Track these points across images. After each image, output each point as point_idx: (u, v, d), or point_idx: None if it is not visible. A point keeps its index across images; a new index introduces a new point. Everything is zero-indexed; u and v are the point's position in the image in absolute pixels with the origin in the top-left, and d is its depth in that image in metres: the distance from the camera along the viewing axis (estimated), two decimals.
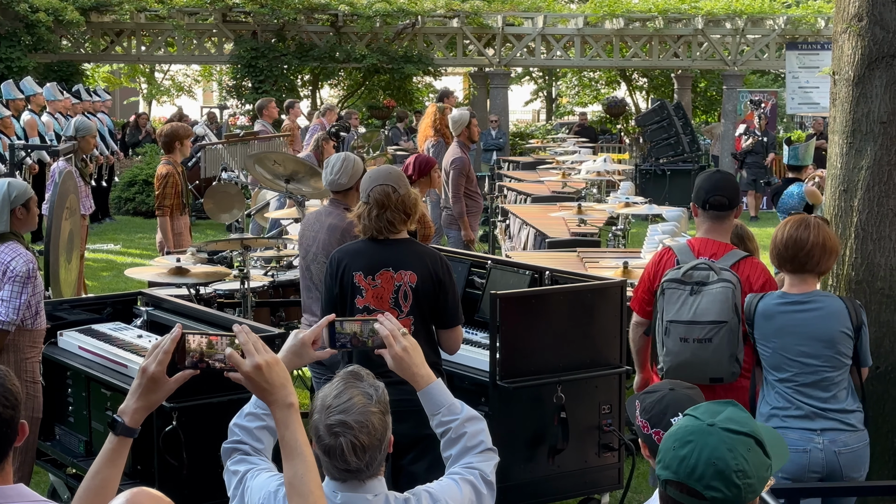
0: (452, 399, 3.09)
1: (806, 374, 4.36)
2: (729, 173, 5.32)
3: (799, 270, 4.41)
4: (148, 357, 2.64)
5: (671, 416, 3.18)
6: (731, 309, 4.59)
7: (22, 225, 5.57)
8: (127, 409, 2.64)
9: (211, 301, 7.34)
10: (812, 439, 4.32)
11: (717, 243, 4.87)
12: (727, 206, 4.87)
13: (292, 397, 2.66)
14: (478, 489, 2.99)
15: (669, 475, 2.32)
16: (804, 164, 8.88)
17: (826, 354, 4.34)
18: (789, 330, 4.37)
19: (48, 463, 5.92)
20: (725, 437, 2.30)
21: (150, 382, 2.63)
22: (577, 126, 24.50)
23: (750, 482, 2.27)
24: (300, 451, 2.61)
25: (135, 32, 23.09)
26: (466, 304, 5.90)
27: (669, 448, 2.35)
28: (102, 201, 16.42)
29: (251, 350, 2.63)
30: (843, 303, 4.42)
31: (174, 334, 2.63)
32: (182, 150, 9.30)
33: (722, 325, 4.59)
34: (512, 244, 10.97)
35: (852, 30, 5.12)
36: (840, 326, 4.35)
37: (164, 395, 2.67)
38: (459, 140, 9.96)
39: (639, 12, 22.64)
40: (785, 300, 4.42)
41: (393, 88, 24.99)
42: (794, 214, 4.83)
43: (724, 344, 4.60)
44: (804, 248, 4.36)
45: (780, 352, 4.39)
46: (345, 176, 5.60)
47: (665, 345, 4.73)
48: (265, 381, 2.63)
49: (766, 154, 18.73)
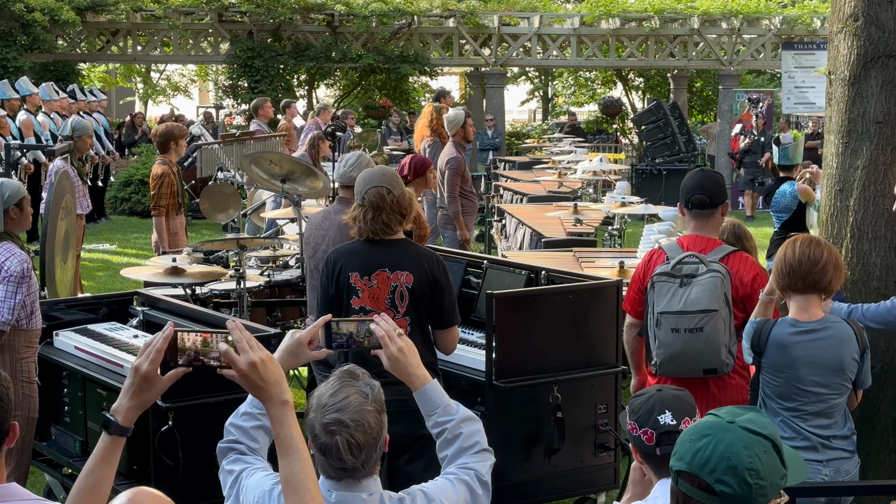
0: (448, 400, 3.10)
1: (814, 402, 4.31)
2: (713, 172, 5.31)
3: (809, 290, 4.32)
4: (140, 356, 2.63)
5: (658, 414, 3.19)
6: (720, 298, 4.61)
7: (16, 225, 5.57)
8: (120, 409, 2.63)
9: (207, 301, 7.33)
10: (819, 471, 4.30)
11: (706, 239, 4.88)
12: (709, 205, 4.88)
13: (287, 395, 2.66)
14: (473, 489, 2.99)
15: (683, 466, 2.34)
16: (794, 163, 8.92)
17: (835, 382, 4.30)
18: (804, 361, 4.29)
19: (44, 463, 5.92)
20: (743, 434, 2.31)
21: (142, 381, 2.62)
22: (568, 127, 24.48)
23: (762, 483, 2.27)
24: (296, 448, 2.61)
25: (131, 32, 23.06)
26: (462, 304, 5.90)
27: (686, 440, 2.37)
28: (98, 201, 16.40)
29: (245, 347, 2.63)
30: (851, 328, 4.35)
31: (166, 332, 2.62)
32: (177, 150, 9.30)
33: (712, 313, 4.60)
34: (508, 244, 10.97)
35: (848, 30, 5.12)
36: (851, 353, 4.30)
37: (157, 393, 2.66)
38: (455, 140, 9.96)
39: (635, 12, 22.64)
40: (798, 329, 4.32)
41: (389, 88, 24.98)
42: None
43: (716, 333, 4.61)
44: (818, 264, 4.28)
45: (792, 382, 4.31)
46: (357, 170, 5.59)
47: (657, 337, 4.73)
48: (260, 379, 2.63)
49: (762, 153, 18.74)
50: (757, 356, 4.37)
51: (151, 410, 4.69)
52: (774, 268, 4.44)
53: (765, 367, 4.36)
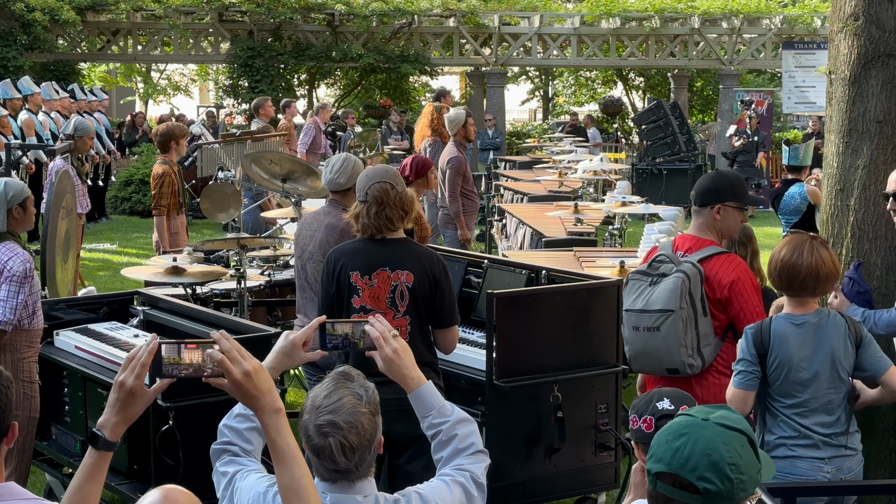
0: (443, 401, 3.10)
1: (814, 398, 4.31)
2: (717, 172, 5.29)
3: (797, 296, 4.39)
4: (123, 371, 2.61)
5: (656, 402, 3.20)
6: (678, 298, 4.62)
7: (19, 225, 5.57)
8: (107, 424, 2.61)
9: (207, 300, 7.34)
10: (821, 469, 4.30)
11: (695, 238, 4.86)
12: (697, 202, 4.87)
13: (279, 402, 2.65)
14: (468, 491, 2.99)
15: (662, 467, 2.31)
16: (804, 164, 8.81)
17: (833, 375, 4.31)
18: (801, 353, 4.31)
19: (45, 462, 5.92)
20: (720, 430, 2.30)
21: (128, 396, 2.60)
22: (569, 126, 24.47)
23: (742, 478, 2.27)
24: (293, 454, 2.60)
25: (131, 32, 23.07)
26: (463, 303, 5.91)
27: (662, 442, 2.34)
28: (99, 201, 16.42)
29: (237, 357, 2.60)
30: (844, 319, 4.38)
31: (150, 346, 2.59)
32: (177, 150, 9.30)
33: (668, 313, 4.63)
34: (508, 243, 10.97)
35: (848, 29, 5.13)
36: (844, 343, 4.32)
37: (143, 406, 2.64)
38: (456, 139, 9.96)
39: (635, 11, 22.64)
40: (794, 322, 4.36)
41: (389, 88, 24.99)
42: (794, 233, 4.83)
43: (674, 333, 4.63)
44: (798, 278, 4.33)
45: (791, 376, 4.32)
46: (343, 176, 5.60)
47: (623, 334, 4.86)
48: (254, 387, 2.61)
49: (755, 154, 18.72)
50: (762, 357, 4.36)
51: (152, 410, 4.70)
52: (767, 267, 4.49)
53: (770, 365, 4.35)
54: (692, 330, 4.66)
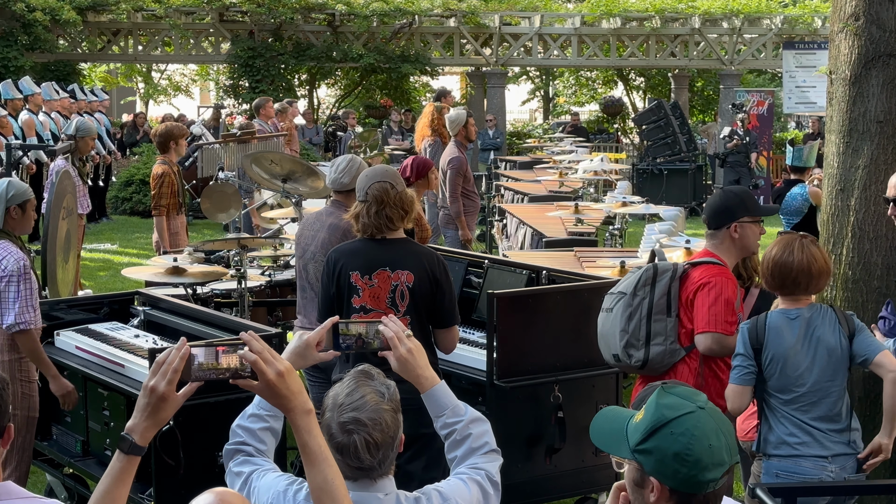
0: (456, 401, 3.10)
1: (812, 391, 4.32)
2: (723, 191, 5.17)
3: (790, 294, 4.41)
4: (154, 375, 2.56)
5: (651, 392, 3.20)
6: (635, 284, 4.65)
7: (17, 225, 5.54)
8: (136, 428, 2.56)
9: (208, 301, 7.33)
10: (825, 468, 4.31)
11: (704, 251, 4.84)
12: (711, 226, 4.81)
13: (309, 403, 2.64)
14: (485, 489, 3.00)
15: None
16: (808, 165, 8.80)
17: (829, 366, 4.32)
18: (796, 346, 4.33)
19: (45, 463, 5.92)
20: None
21: (159, 401, 2.56)
22: (570, 126, 24.46)
23: None
24: (325, 455, 2.60)
25: (132, 32, 23.07)
26: (463, 303, 5.91)
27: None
28: (99, 201, 16.41)
29: (269, 358, 2.59)
30: (834, 312, 4.41)
31: (182, 352, 2.56)
32: (177, 150, 9.29)
33: (621, 296, 4.69)
34: (509, 244, 10.97)
35: (849, 29, 5.13)
36: (837, 335, 4.34)
37: (173, 411, 2.60)
38: (456, 139, 9.97)
39: (636, 12, 22.63)
40: (788, 316, 4.39)
41: (390, 88, 24.99)
42: (786, 233, 4.82)
43: (618, 316, 4.66)
44: (790, 276, 4.35)
45: (788, 370, 4.33)
46: (347, 176, 5.58)
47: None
48: (286, 388, 2.60)
49: (748, 154, 18.69)
50: (757, 352, 4.37)
51: None
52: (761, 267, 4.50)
53: (765, 359, 4.37)
54: (645, 321, 4.64)
